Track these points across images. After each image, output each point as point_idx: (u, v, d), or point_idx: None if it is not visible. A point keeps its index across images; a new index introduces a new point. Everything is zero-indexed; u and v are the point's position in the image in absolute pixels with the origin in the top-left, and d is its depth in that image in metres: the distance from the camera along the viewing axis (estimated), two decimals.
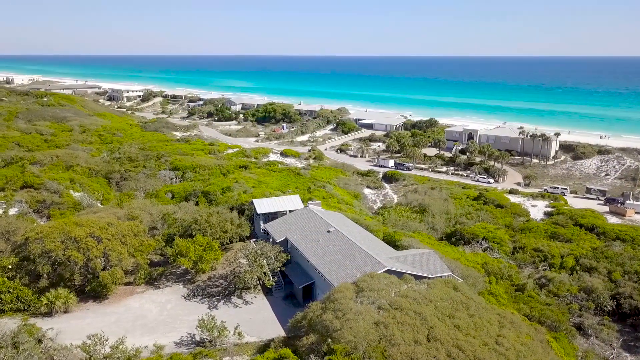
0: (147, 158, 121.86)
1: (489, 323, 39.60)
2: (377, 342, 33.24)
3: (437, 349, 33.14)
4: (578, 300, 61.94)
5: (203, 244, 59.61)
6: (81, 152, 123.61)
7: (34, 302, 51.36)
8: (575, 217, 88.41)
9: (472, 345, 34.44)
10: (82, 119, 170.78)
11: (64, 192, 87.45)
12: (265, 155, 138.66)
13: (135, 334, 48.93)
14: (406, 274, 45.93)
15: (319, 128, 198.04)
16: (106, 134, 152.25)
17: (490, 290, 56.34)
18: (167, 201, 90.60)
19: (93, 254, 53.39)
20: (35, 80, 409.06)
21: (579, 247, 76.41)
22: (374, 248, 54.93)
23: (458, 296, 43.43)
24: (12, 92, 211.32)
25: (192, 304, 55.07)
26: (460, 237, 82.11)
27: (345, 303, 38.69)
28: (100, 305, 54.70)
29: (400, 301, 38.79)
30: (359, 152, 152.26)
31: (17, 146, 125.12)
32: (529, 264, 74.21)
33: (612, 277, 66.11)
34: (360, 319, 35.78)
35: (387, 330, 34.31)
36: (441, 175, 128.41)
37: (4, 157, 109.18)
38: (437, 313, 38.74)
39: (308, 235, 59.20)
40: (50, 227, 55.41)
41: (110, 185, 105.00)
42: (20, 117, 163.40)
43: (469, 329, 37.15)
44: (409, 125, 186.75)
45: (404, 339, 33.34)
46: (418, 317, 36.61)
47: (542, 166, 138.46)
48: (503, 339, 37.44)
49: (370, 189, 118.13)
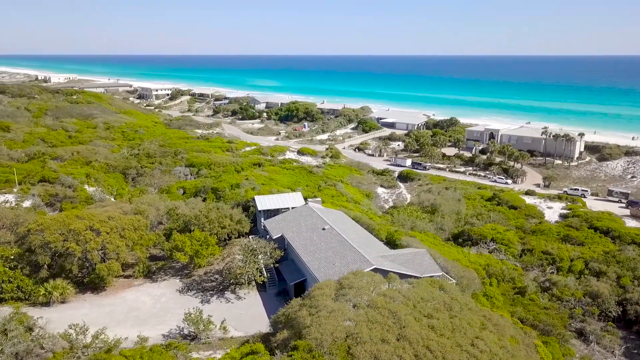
0: (165, 155, 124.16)
1: (469, 325, 38.72)
2: (343, 339, 32.94)
3: (404, 348, 32.60)
4: (582, 305, 59.97)
5: (200, 239, 60.31)
6: (102, 148, 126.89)
7: (34, 292, 52.96)
8: (591, 220, 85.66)
9: (442, 346, 33.74)
10: (107, 116, 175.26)
11: (78, 186, 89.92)
12: (282, 154, 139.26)
13: (127, 325, 49.97)
14: (391, 273, 45.36)
15: (340, 127, 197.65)
16: (129, 131, 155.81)
17: (485, 292, 55.10)
18: (178, 197, 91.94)
19: (91, 247, 54.72)
20: (71, 79, 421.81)
21: (590, 250, 73.98)
22: (366, 246, 54.52)
23: (442, 297, 42.63)
24: (44, 90, 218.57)
25: (185, 298, 55.82)
26: (467, 237, 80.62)
27: (322, 300, 38.53)
28: (97, 296, 56.02)
29: (377, 300, 38.34)
30: (376, 151, 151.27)
31: (42, 142, 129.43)
32: (536, 267, 72.29)
33: (620, 282, 63.75)
34: (332, 316, 35.55)
35: (356, 328, 33.97)
36: (458, 176, 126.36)
37: (27, 152, 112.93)
38: (415, 313, 38.12)
39: (303, 232, 59.20)
40: (52, 220, 57.04)
41: (127, 181, 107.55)
42: (49, 114, 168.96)
43: (445, 330, 36.41)
44: (431, 125, 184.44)
45: (371, 338, 32.93)
46: (391, 316, 36.11)
47: (565, 167, 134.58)
48: (480, 341, 36.54)
49: (384, 188, 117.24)
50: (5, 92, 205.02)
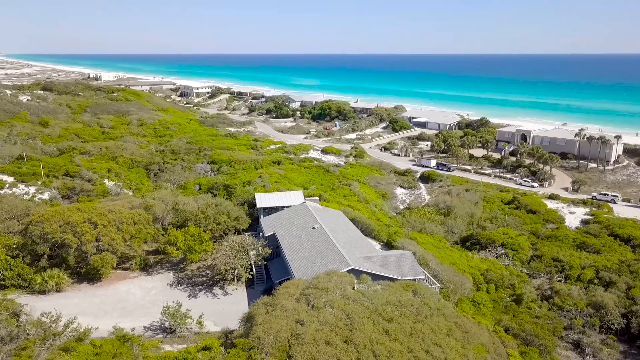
0: (189, 151, 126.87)
1: (431, 330, 37.64)
2: (286, 340, 32.74)
3: (347, 351, 32.06)
4: (584, 315, 57.25)
5: (194, 234, 61.36)
6: (131, 144, 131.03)
7: (32, 280, 55.45)
8: (612, 227, 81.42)
9: (391, 351, 32.95)
10: (143, 113, 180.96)
11: (98, 180, 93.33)
12: (305, 152, 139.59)
13: (113, 315, 51.52)
14: (364, 274, 44.74)
15: (371, 126, 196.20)
16: (161, 128, 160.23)
17: (473, 298, 53.35)
18: (193, 193, 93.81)
19: (86, 238, 56.71)
20: (120, 77, 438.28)
21: (605, 259, 70.35)
22: (352, 247, 53.94)
23: (412, 300, 41.65)
24: (88, 88, 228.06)
25: (174, 292, 56.92)
26: (476, 241, 78.44)
27: (281, 299, 38.48)
28: (92, 286, 57.99)
29: (336, 301, 37.89)
30: (402, 151, 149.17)
31: (76, 137, 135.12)
32: (544, 274, 69.51)
33: (630, 293, 60.33)
34: (283, 315, 35.44)
35: (302, 328, 33.68)
36: (483, 178, 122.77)
37: (59, 147, 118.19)
38: (374, 316, 37.42)
39: (294, 231, 59.21)
40: (53, 212, 59.47)
41: (149, 176, 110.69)
42: (88, 110, 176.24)
43: (401, 335, 35.54)
44: (463, 125, 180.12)
45: (315, 339, 32.56)
46: (345, 318, 35.59)
47: (600, 171, 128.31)
48: (437, 347, 35.48)
49: (403, 188, 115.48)
50: (52, 89, 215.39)
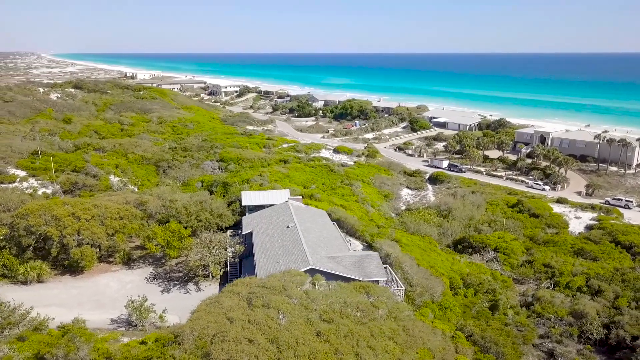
0: (200, 149, 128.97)
1: (370, 334, 37.20)
2: (210, 336, 33.01)
3: (268, 350, 32.05)
4: (564, 324, 55.30)
5: (175, 230, 62.48)
6: (146, 141, 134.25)
7: (17, 271, 57.72)
8: (615, 234, 78.14)
9: (314, 352, 32.73)
10: (165, 111, 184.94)
11: (103, 176, 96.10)
12: (317, 151, 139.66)
13: (86, 307, 53.02)
14: (317, 274, 44.58)
15: (391, 125, 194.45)
16: (179, 125, 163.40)
17: (440, 303, 52.25)
18: (194, 190, 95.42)
19: (67, 232, 58.61)
20: (155, 75, 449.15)
21: (599, 266, 67.63)
22: (320, 247, 53.78)
23: (361, 302, 41.26)
24: (116, 86, 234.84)
25: (149, 286, 58.13)
26: (468, 244, 76.78)
27: (223, 297, 38.80)
28: (73, 279, 59.86)
29: (276, 300, 37.89)
30: (416, 151, 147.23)
31: (95, 134, 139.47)
32: (533, 280, 67.48)
33: (615, 302, 57.88)
34: (218, 312, 35.74)
35: (230, 326, 33.88)
36: (495, 180, 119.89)
37: (76, 144, 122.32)
38: (312, 315, 37.27)
39: (269, 229, 59.48)
40: (38, 205, 61.74)
41: (158, 173, 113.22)
42: (112, 108, 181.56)
43: (334, 336, 35.25)
44: (484, 125, 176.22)
45: (238, 337, 32.69)
46: (277, 318, 35.57)
47: (620, 175, 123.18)
48: (370, 350, 35.06)
49: (410, 189, 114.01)
50: (82, 87, 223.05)
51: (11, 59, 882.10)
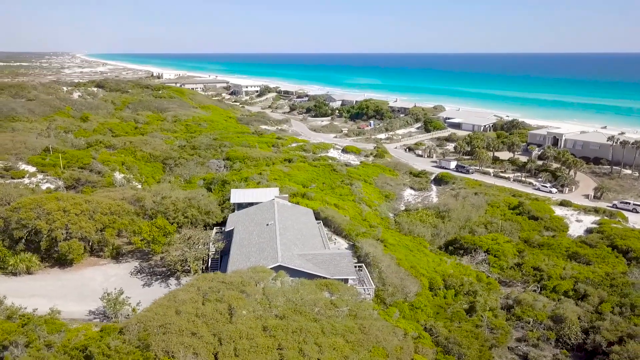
0: (209, 147, 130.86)
1: (321, 331, 37.46)
2: (154, 328, 33.82)
3: (208, 343, 32.68)
4: (543, 327, 54.43)
5: (160, 226, 63.86)
6: (157, 139, 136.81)
7: (7, 262, 60.00)
8: (613, 238, 76.14)
9: (255, 346, 33.21)
10: (181, 110, 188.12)
11: (107, 173, 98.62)
12: (325, 151, 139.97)
13: (67, 298, 54.69)
14: (281, 271, 45.14)
15: (405, 126, 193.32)
16: (192, 124, 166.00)
17: (412, 303, 52.01)
18: (196, 187, 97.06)
19: (55, 226, 60.58)
20: (181, 75, 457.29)
21: (589, 270, 66.14)
22: (295, 244, 54.22)
23: (319, 299, 41.58)
24: (137, 85, 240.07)
25: (132, 280, 59.59)
26: (459, 246, 76.05)
27: (181, 291, 39.66)
28: (61, 271, 61.80)
29: (230, 295, 38.53)
30: (426, 152, 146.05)
31: (109, 131, 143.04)
32: (520, 283, 66.52)
33: (599, 308, 56.58)
34: (169, 305, 36.60)
35: (175, 318, 34.66)
36: (502, 181, 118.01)
37: (88, 141, 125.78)
38: (264, 311, 37.78)
39: (250, 227, 60.24)
40: (31, 200, 63.96)
41: (165, 170, 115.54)
42: (130, 107, 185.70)
43: (281, 332, 35.66)
44: (499, 126, 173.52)
45: (181, 330, 33.43)
46: (226, 312, 36.22)
47: (634, 178, 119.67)
48: (316, 347, 35.35)
49: (413, 190, 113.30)
50: (104, 86, 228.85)
51: (47, 59, 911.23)
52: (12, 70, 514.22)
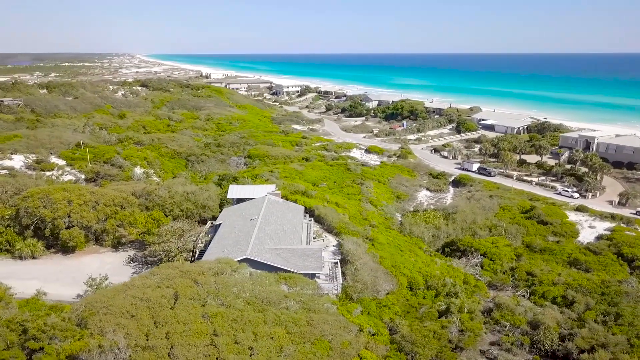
0: (233, 145, 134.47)
1: (263, 321, 38.71)
2: (99, 309, 36.14)
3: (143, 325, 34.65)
4: (519, 332, 53.27)
5: (156, 218, 66.96)
6: (186, 136, 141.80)
7: (15, 247, 64.78)
8: (621, 245, 72.97)
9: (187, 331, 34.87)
10: (216, 109, 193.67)
11: (128, 167, 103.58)
12: (348, 150, 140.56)
13: (63, 282, 58.43)
14: (243, 263, 46.72)
15: (438, 127, 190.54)
16: (224, 123, 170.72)
17: (380, 301, 52.17)
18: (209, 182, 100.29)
19: (58, 214, 64.82)
20: (228, 75, 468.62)
21: (584, 277, 63.92)
22: (271, 238, 55.66)
23: (272, 291, 42.83)
24: (178, 85, 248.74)
25: (125, 268, 62.87)
26: (456, 248, 75.14)
27: (140, 278, 42.04)
28: (63, 257, 66.04)
29: (180, 283, 40.45)
30: (451, 153, 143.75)
31: (142, 128, 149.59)
32: (511, 287, 65.14)
33: (582, 315, 54.73)
34: (120, 289, 38.97)
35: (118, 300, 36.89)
36: (523, 185, 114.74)
37: (119, 137, 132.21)
38: (212, 301, 39.43)
39: (236, 221, 62.19)
40: (39, 190, 68.66)
41: (187, 166, 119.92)
42: (167, 105, 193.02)
43: (220, 319, 37.17)
44: (533, 128, 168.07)
45: (122, 312, 35.59)
46: (170, 298, 38.13)
47: None
48: (252, 335, 36.65)
49: (429, 191, 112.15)
50: (147, 85, 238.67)
51: (108, 60, 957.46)
52: (74, 70, 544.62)
